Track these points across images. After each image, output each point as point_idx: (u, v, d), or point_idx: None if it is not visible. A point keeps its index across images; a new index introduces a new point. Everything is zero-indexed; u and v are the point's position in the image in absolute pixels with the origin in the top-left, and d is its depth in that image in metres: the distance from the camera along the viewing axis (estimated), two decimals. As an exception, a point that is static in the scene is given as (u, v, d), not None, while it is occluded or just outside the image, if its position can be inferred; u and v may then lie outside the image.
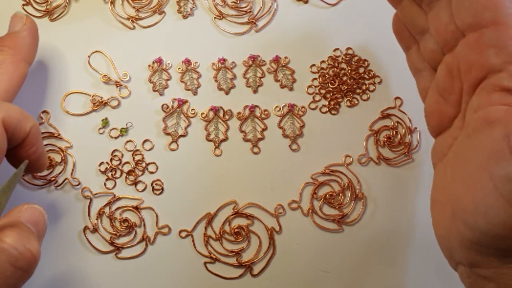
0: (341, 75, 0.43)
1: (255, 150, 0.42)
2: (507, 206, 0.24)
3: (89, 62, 0.43)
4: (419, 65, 0.34)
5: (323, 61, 0.44)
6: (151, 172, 0.41)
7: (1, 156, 0.31)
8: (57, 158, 0.41)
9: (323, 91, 0.43)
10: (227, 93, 0.43)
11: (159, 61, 0.43)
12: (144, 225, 0.40)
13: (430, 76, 0.33)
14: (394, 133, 0.42)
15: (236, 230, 0.40)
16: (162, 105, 0.42)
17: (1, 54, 0.36)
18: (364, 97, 0.43)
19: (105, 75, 0.43)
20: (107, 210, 0.40)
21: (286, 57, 0.44)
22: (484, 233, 0.25)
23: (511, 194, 0.24)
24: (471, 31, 0.28)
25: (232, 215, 0.41)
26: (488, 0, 0.27)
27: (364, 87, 0.43)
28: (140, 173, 0.41)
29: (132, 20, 0.44)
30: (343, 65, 0.43)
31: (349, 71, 0.43)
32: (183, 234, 0.40)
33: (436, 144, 0.33)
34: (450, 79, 0.30)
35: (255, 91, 0.43)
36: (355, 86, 0.43)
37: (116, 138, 0.42)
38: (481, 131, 0.27)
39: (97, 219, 0.40)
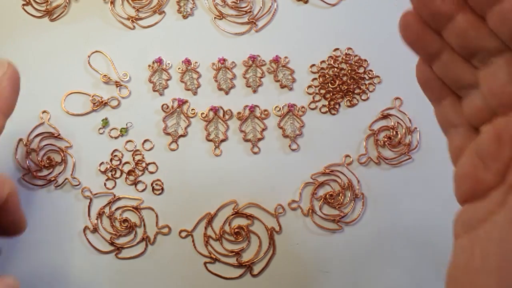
0: (341, 75, 0.43)
1: (255, 150, 0.42)
2: None
3: (89, 62, 0.43)
4: (455, 120, 0.29)
5: (323, 61, 0.44)
6: (151, 172, 0.41)
7: None
8: (57, 158, 0.41)
9: (323, 91, 0.43)
10: (227, 93, 0.43)
11: (159, 61, 0.43)
12: (144, 225, 0.40)
13: (467, 133, 0.28)
14: (394, 133, 0.42)
15: (236, 230, 0.40)
16: (162, 105, 0.42)
17: None
18: (364, 97, 0.43)
19: (105, 75, 0.43)
20: (107, 210, 0.40)
21: (286, 57, 0.44)
22: None
23: None
24: None
25: (232, 215, 0.41)
26: None
27: (363, 87, 0.43)
28: (140, 173, 0.41)
29: (132, 20, 0.44)
30: (343, 65, 0.43)
31: (349, 71, 0.43)
32: (183, 234, 0.40)
33: (463, 212, 0.28)
34: (497, 145, 0.26)
35: (255, 91, 0.43)
36: (354, 86, 0.43)
37: (116, 138, 0.42)
38: None
39: (97, 219, 0.40)
